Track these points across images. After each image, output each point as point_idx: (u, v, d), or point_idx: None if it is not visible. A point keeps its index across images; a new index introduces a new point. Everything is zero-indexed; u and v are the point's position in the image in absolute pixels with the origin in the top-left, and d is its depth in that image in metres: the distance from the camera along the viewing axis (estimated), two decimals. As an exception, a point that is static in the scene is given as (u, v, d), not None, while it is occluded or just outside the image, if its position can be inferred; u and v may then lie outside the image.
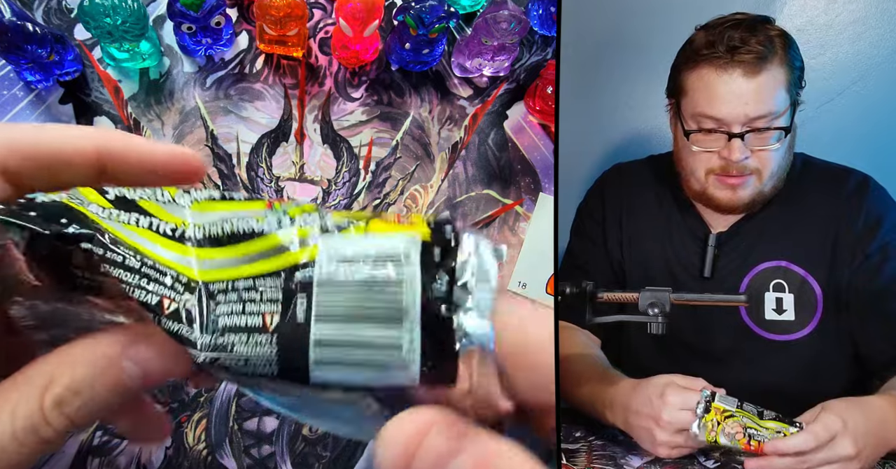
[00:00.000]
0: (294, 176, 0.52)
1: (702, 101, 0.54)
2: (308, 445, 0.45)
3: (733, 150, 0.54)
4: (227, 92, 0.52)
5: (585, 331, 0.59)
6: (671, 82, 0.58)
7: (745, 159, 0.54)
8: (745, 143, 0.54)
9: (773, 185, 0.57)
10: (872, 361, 0.57)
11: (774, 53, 0.53)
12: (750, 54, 0.53)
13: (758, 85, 0.53)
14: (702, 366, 0.58)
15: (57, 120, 0.49)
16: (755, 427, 0.46)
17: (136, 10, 0.45)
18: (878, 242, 0.56)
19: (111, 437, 0.43)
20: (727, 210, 0.58)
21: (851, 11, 0.64)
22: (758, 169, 0.55)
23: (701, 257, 0.59)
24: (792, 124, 0.55)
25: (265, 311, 0.20)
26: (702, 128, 0.55)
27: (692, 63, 0.55)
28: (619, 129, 0.71)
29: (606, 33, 0.67)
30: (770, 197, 0.58)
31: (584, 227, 0.63)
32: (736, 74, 0.53)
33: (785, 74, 0.54)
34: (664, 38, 0.59)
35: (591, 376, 0.56)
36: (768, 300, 0.58)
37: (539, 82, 0.55)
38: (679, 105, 0.57)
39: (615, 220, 0.63)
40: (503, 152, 0.55)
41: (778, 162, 0.56)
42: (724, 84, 0.53)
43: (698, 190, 0.58)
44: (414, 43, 0.51)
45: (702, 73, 0.54)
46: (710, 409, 0.47)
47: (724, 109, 0.54)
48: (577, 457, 0.52)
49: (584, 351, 0.58)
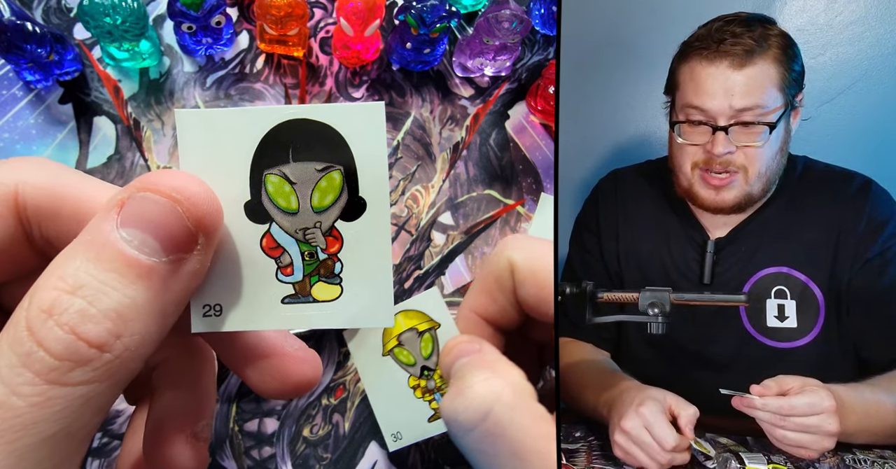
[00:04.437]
0: (294, 176, 0.52)
1: (690, 92, 0.55)
2: (309, 447, 0.45)
3: (716, 144, 0.54)
4: (227, 92, 0.52)
5: (590, 345, 0.59)
6: (668, 79, 0.58)
7: (727, 154, 0.54)
8: (730, 138, 0.54)
9: (763, 187, 0.57)
10: (873, 365, 0.57)
11: (766, 50, 0.54)
12: (738, 46, 0.53)
13: (745, 77, 0.53)
14: (702, 374, 0.58)
15: (57, 120, 0.49)
16: None
17: (136, 9, 0.45)
18: (881, 246, 0.56)
19: (111, 439, 0.43)
20: (713, 210, 0.59)
21: (851, 11, 0.64)
22: (744, 166, 0.55)
23: (699, 264, 0.60)
24: (780, 123, 0.55)
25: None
26: (689, 119, 0.55)
27: (683, 56, 0.55)
28: (619, 130, 0.71)
29: (607, 33, 0.67)
30: (760, 198, 0.58)
31: (582, 238, 0.63)
32: (723, 66, 0.53)
33: (778, 73, 0.54)
34: (665, 38, 0.59)
35: (597, 381, 0.56)
36: (770, 307, 0.58)
37: (540, 82, 0.54)
38: (673, 100, 0.57)
39: (611, 231, 0.63)
40: (505, 152, 0.55)
41: (766, 162, 0.56)
42: (710, 75, 0.54)
43: (686, 187, 0.58)
44: (415, 42, 0.50)
45: (691, 65, 0.55)
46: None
47: (709, 100, 0.54)
48: (577, 457, 0.52)
49: (591, 357, 0.58)
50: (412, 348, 0.47)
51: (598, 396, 0.55)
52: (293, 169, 0.21)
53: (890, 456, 0.50)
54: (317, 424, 0.45)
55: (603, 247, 0.62)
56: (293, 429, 0.45)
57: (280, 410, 0.45)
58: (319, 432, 0.45)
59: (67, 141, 0.49)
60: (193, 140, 0.21)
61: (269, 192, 0.21)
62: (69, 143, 0.49)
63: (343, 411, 0.47)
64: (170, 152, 0.50)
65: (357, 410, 0.48)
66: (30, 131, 0.48)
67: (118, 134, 0.50)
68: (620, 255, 0.61)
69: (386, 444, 0.46)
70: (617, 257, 0.62)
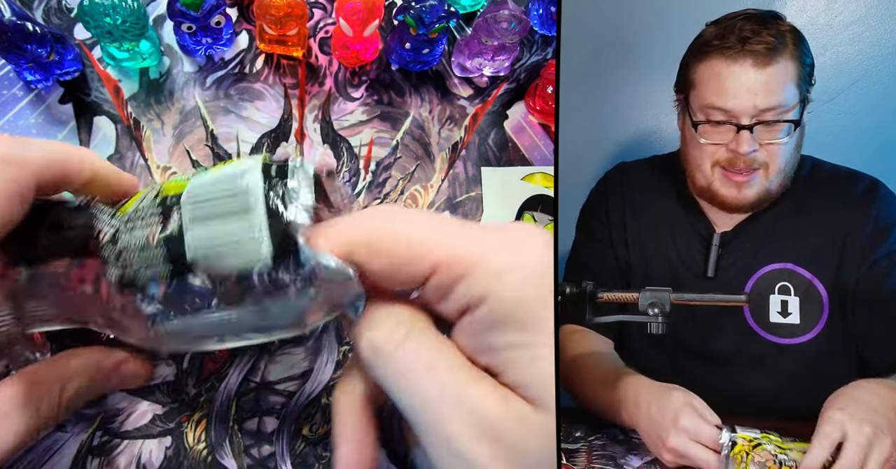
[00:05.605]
0: (294, 176, 0.52)
1: (711, 92, 0.54)
2: (308, 445, 0.45)
3: (741, 143, 0.53)
4: (227, 92, 0.52)
5: (597, 333, 0.59)
6: (680, 77, 0.58)
7: (752, 152, 0.54)
8: (754, 136, 0.53)
9: (780, 183, 0.57)
10: (876, 365, 0.57)
11: (785, 46, 0.53)
12: (761, 45, 0.52)
13: (768, 76, 0.53)
14: (705, 369, 0.58)
15: (57, 119, 0.49)
16: (783, 451, 0.45)
17: (136, 9, 0.45)
18: (887, 248, 0.56)
19: (111, 438, 0.43)
20: (733, 208, 0.58)
21: (851, 11, 0.64)
22: (766, 163, 0.55)
23: (704, 256, 0.59)
24: (801, 119, 0.55)
25: (150, 230, 0.28)
26: (710, 120, 0.54)
27: (702, 55, 0.54)
28: (619, 129, 0.71)
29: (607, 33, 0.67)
30: (776, 195, 0.57)
31: (589, 226, 0.63)
32: (747, 65, 0.52)
33: (795, 69, 0.54)
34: (665, 38, 0.59)
35: (603, 374, 0.56)
36: (773, 303, 0.58)
37: (539, 82, 0.55)
38: (687, 99, 0.56)
39: (619, 220, 0.63)
40: (503, 152, 0.55)
41: (786, 158, 0.56)
42: (733, 74, 0.53)
43: (704, 185, 0.58)
44: (414, 43, 0.50)
45: (711, 64, 0.54)
46: (736, 441, 0.46)
47: (733, 100, 0.53)
48: (577, 457, 0.52)
49: (595, 349, 0.58)
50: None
51: (602, 392, 0.55)
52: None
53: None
54: (316, 423, 0.45)
55: (612, 234, 0.61)
56: (293, 427, 0.45)
57: (279, 409, 0.45)
58: (319, 431, 0.45)
59: (67, 141, 0.49)
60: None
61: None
62: (69, 143, 0.49)
63: (342, 411, 0.47)
64: (169, 152, 0.50)
65: (356, 410, 0.48)
66: (30, 131, 0.49)
67: (118, 134, 0.50)
68: (628, 241, 0.61)
69: (385, 443, 0.46)
70: (625, 243, 0.61)
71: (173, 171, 0.50)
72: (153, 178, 0.50)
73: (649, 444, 0.49)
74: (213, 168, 0.30)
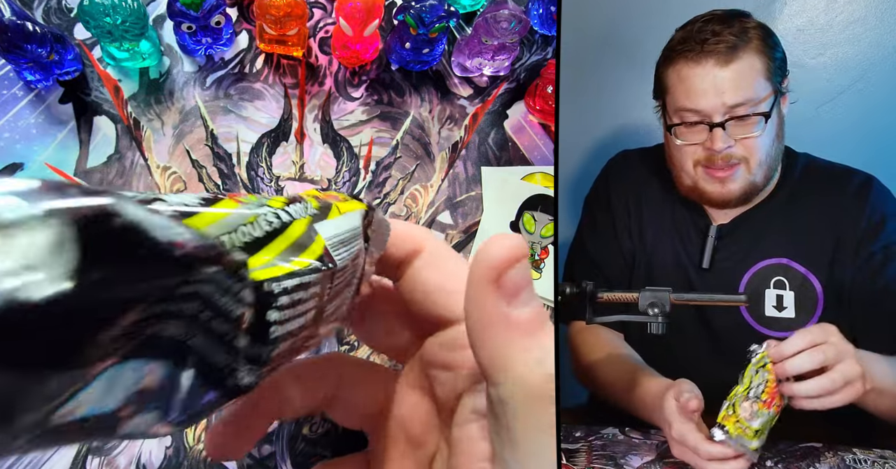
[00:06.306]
0: (294, 175, 0.52)
1: (681, 95, 0.55)
2: (308, 445, 0.45)
3: (715, 140, 0.54)
4: (227, 91, 0.52)
5: (603, 328, 0.59)
6: (655, 83, 0.59)
7: (728, 148, 0.55)
8: (727, 132, 0.54)
9: (765, 175, 0.57)
10: None
11: (748, 42, 0.54)
12: (720, 44, 0.53)
13: (732, 73, 0.54)
14: (699, 361, 0.58)
15: (57, 119, 0.49)
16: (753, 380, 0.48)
17: (136, 9, 0.45)
18: (882, 242, 0.57)
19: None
20: (721, 203, 0.59)
21: (851, 11, 0.64)
22: (745, 157, 0.56)
23: (700, 248, 0.60)
24: (773, 111, 0.56)
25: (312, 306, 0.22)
26: (685, 121, 0.55)
27: (668, 60, 0.56)
28: (619, 128, 0.71)
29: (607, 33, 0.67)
30: (764, 187, 0.58)
31: (594, 217, 0.63)
32: (709, 65, 0.54)
33: (763, 63, 0.55)
34: (665, 38, 0.59)
35: (623, 377, 0.56)
36: (769, 297, 0.59)
37: (539, 82, 0.55)
38: (664, 104, 0.57)
39: (623, 208, 0.63)
40: (503, 152, 0.55)
41: (766, 150, 0.56)
42: (698, 76, 0.54)
43: (690, 185, 0.58)
44: (414, 42, 0.50)
45: (678, 68, 0.55)
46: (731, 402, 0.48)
47: (702, 100, 0.54)
48: (577, 457, 0.52)
49: (614, 351, 0.59)
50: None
51: (628, 395, 0.56)
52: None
53: (890, 456, 0.50)
54: (316, 423, 0.45)
55: (616, 223, 0.62)
56: (292, 427, 0.45)
57: (279, 409, 0.45)
58: (319, 430, 0.45)
59: (68, 140, 0.49)
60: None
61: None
62: (69, 143, 0.49)
63: (342, 410, 0.47)
64: (169, 152, 0.50)
65: (356, 410, 0.47)
66: (30, 131, 0.49)
67: (118, 133, 0.50)
68: (632, 230, 0.61)
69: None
70: (628, 231, 0.62)
71: (173, 170, 0.50)
72: (153, 178, 0.50)
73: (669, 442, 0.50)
74: (329, 210, 0.26)
